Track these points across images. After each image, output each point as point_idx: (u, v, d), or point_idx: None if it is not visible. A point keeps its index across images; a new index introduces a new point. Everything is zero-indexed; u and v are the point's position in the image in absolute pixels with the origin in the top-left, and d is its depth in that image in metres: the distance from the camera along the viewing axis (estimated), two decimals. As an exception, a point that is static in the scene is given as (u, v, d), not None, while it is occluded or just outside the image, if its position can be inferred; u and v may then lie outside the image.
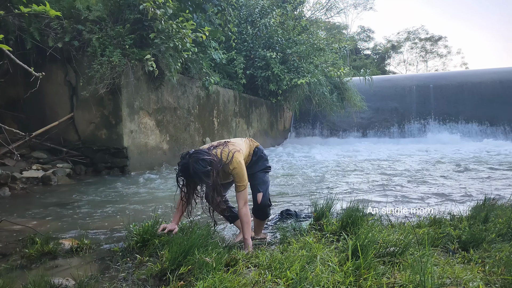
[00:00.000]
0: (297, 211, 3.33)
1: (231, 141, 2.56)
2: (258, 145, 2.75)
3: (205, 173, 2.23)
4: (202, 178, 2.23)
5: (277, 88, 11.51)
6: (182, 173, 2.31)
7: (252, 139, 2.80)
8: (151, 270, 1.95)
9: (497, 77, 15.44)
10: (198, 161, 2.22)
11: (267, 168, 2.73)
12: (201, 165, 2.22)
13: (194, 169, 2.22)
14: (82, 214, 3.63)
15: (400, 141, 14.16)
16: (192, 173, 2.23)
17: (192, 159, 2.24)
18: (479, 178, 5.73)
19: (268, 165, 2.75)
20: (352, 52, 30.35)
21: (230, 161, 2.36)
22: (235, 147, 2.46)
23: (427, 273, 1.64)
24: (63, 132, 6.36)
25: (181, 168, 2.30)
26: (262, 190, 2.59)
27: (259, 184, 2.62)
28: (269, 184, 2.70)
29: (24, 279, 1.90)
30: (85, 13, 6.07)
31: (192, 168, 2.22)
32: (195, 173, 2.23)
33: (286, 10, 12.69)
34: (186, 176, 2.30)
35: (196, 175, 2.23)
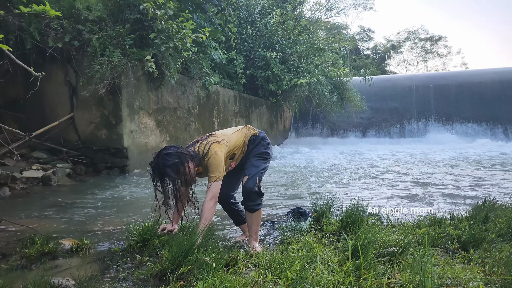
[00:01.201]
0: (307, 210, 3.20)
1: (215, 133, 2.47)
2: (256, 132, 2.59)
3: (172, 167, 2.15)
4: (170, 173, 2.15)
5: (277, 88, 11.51)
6: (154, 173, 2.23)
7: (250, 127, 2.65)
8: (151, 270, 1.95)
9: (497, 77, 15.45)
10: (163, 156, 2.17)
11: (263, 154, 2.55)
12: (167, 159, 2.15)
13: (161, 164, 2.16)
14: (82, 214, 3.63)
15: (400, 141, 14.17)
16: (161, 169, 2.16)
17: (159, 155, 2.19)
18: (478, 178, 5.73)
19: (265, 150, 2.56)
20: (352, 52, 30.36)
21: (206, 153, 2.27)
22: (215, 139, 2.36)
23: (427, 273, 1.64)
24: (63, 132, 6.36)
25: (152, 167, 2.22)
26: (248, 173, 2.42)
27: (247, 168, 2.47)
28: (261, 170, 2.48)
29: (24, 279, 1.90)
30: (85, 13, 6.07)
31: (161, 164, 2.16)
32: (163, 169, 2.16)
33: (286, 10, 12.68)
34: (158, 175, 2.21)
35: (164, 171, 2.16)
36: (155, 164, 2.19)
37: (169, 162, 2.15)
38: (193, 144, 2.38)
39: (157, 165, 2.18)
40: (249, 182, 2.38)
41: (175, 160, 2.16)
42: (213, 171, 2.27)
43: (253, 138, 2.55)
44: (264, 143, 2.58)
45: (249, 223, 2.46)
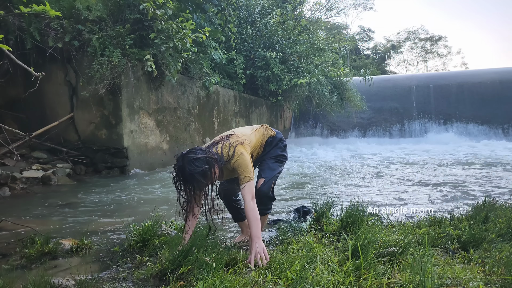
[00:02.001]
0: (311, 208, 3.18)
1: (235, 133, 2.35)
2: (274, 134, 2.52)
3: (201, 174, 2.02)
4: (200, 179, 2.02)
5: (277, 88, 11.51)
6: (178, 177, 2.08)
7: (268, 127, 2.56)
8: (151, 270, 1.95)
9: (497, 77, 15.45)
10: (191, 161, 2.02)
11: (279, 157, 2.47)
12: (195, 165, 2.01)
13: (189, 170, 2.01)
14: (82, 214, 3.63)
15: (400, 141, 14.16)
16: (188, 176, 2.02)
17: (185, 160, 2.04)
18: (478, 178, 5.73)
19: (282, 153, 2.49)
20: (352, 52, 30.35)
21: (232, 156, 2.17)
22: (238, 139, 2.26)
23: (427, 273, 1.64)
24: (63, 132, 6.36)
25: (177, 171, 2.08)
26: (265, 176, 2.33)
27: (263, 170, 2.38)
28: (277, 174, 2.42)
29: (24, 279, 1.90)
30: (85, 13, 6.07)
31: (188, 170, 2.01)
32: (191, 175, 2.02)
33: (286, 10, 12.69)
34: (183, 179, 2.07)
35: (193, 177, 2.02)
36: (181, 169, 2.04)
37: (198, 169, 2.01)
38: (213, 145, 2.25)
39: (184, 170, 2.03)
40: (265, 186, 2.33)
41: (204, 166, 2.03)
42: (244, 171, 2.18)
43: (270, 140, 2.49)
44: (282, 145, 2.51)
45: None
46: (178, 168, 2.06)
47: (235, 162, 2.18)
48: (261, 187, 2.32)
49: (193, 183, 2.05)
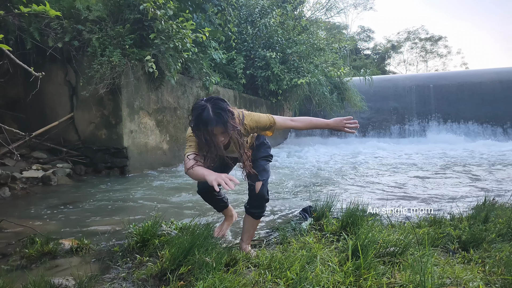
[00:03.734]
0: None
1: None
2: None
3: (231, 115, 1.93)
4: (228, 120, 1.90)
5: (277, 88, 11.51)
6: (201, 120, 1.89)
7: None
8: (151, 270, 1.95)
9: (497, 77, 15.45)
10: (219, 100, 1.93)
11: (269, 157, 2.42)
12: (223, 105, 1.92)
13: (218, 110, 1.89)
14: (82, 214, 3.63)
15: (400, 141, 14.17)
16: (216, 116, 1.88)
17: (211, 100, 1.93)
18: (478, 177, 5.73)
19: (270, 153, 2.45)
20: (352, 52, 30.36)
21: (243, 117, 2.09)
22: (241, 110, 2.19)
23: (427, 273, 1.64)
24: (63, 132, 6.36)
25: (198, 112, 1.90)
26: (263, 178, 2.24)
27: (260, 172, 2.25)
28: (269, 176, 2.37)
29: (24, 279, 1.90)
30: (85, 13, 6.07)
31: (215, 109, 1.89)
32: (219, 115, 1.88)
33: (286, 10, 12.69)
34: (206, 123, 1.88)
35: (220, 119, 1.88)
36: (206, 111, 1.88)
37: (226, 112, 1.90)
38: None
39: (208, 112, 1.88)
40: (264, 188, 2.23)
41: (229, 113, 1.93)
42: (263, 120, 2.15)
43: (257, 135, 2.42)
44: (268, 144, 2.47)
45: (248, 228, 2.35)
46: (201, 108, 1.91)
47: (250, 120, 2.12)
48: (261, 190, 2.23)
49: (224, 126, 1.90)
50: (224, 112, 1.90)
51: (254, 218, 2.32)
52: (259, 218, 2.35)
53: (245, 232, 2.37)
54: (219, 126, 1.89)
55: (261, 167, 2.30)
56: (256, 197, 2.23)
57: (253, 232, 2.43)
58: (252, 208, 2.28)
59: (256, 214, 2.30)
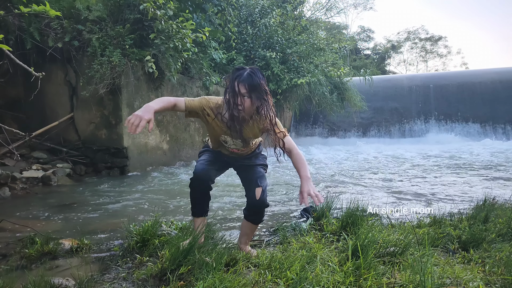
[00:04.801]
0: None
1: None
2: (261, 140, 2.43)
3: (262, 84, 1.99)
4: (259, 87, 1.96)
5: (277, 88, 11.50)
6: (235, 76, 1.97)
7: None
8: (151, 270, 1.95)
9: (497, 77, 15.45)
10: (258, 71, 2.00)
11: (266, 166, 2.39)
12: (261, 75, 1.99)
13: (253, 74, 1.96)
14: (82, 214, 3.63)
15: (400, 141, 14.17)
16: (248, 76, 1.95)
17: (251, 68, 2.00)
18: (478, 178, 5.73)
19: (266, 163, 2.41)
20: (352, 52, 30.36)
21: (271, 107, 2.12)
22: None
23: (427, 273, 1.64)
24: (63, 132, 6.36)
25: (235, 69, 2.01)
26: (262, 184, 2.18)
27: (260, 178, 2.20)
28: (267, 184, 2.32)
29: (24, 279, 1.90)
30: (85, 13, 6.07)
31: (251, 73, 1.96)
32: (252, 78, 1.95)
33: (286, 10, 12.68)
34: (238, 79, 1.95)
35: (253, 80, 1.94)
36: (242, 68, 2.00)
37: (261, 76, 1.99)
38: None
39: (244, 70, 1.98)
40: (264, 194, 2.17)
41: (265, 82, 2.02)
42: (281, 126, 2.15)
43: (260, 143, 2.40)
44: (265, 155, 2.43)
45: (247, 232, 2.32)
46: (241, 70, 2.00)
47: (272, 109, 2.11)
48: (261, 196, 2.16)
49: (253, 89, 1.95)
50: (257, 77, 1.95)
51: (253, 224, 2.28)
52: (258, 224, 2.31)
53: (243, 235, 2.34)
54: (246, 84, 1.93)
55: (260, 173, 2.25)
56: (256, 203, 2.17)
57: (252, 235, 2.41)
58: (252, 215, 2.24)
59: (256, 220, 2.26)
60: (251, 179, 2.21)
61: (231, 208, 3.83)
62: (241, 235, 2.36)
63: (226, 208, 3.84)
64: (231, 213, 3.60)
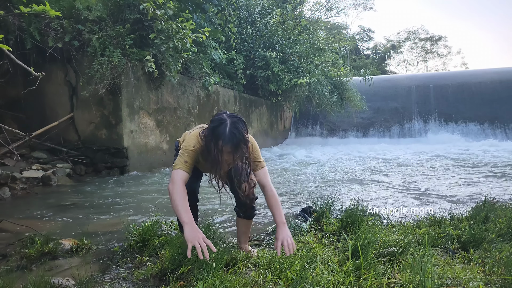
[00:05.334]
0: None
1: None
2: None
3: (244, 139, 1.86)
4: (242, 146, 1.85)
5: (277, 88, 11.51)
6: (214, 133, 1.84)
7: None
8: (151, 270, 1.95)
9: (497, 77, 15.45)
10: (240, 122, 1.87)
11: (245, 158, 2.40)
12: (242, 126, 1.87)
13: (234, 130, 1.83)
14: (82, 214, 3.63)
15: (400, 141, 14.17)
16: (229, 135, 1.82)
17: (231, 119, 1.86)
18: (479, 178, 5.73)
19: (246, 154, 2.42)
20: (352, 52, 30.36)
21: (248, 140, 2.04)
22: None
23: (427, 273, 1.64)
24: (63, 132, 6.36)
25: (215, 125, 1.85)
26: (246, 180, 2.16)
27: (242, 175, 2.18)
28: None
29: (24, 279, 1.90)
30: (85, 13, 6.07)
31: (232, 128, 1.83)
32: (233, 135, 1.82)
33: (286, 10, 12.69)
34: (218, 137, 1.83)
35: (237, 140, 1.82)
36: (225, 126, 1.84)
37: (244, 133, 1.86)
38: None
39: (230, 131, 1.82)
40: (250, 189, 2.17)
41: (246, 134, 1.89)
42: (260, 156, 2.11)
43: None
44: None
45: (244, 230, 2.33)
46: (220, 122, 1.86)
47: (252, 146, 2.05)
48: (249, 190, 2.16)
49: (236, 150, 1.84)
50: (239, 133, 1.84)
51: (249, 219, 2.29)
52: (253, 218, 2.32)
53: (241, 234, 2.34)
54: (229, 146, 1.83)
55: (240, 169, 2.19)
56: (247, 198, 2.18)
57: (249, 232, 2.41)
58: (244, 211, 2.25)
59: (250, 215, 2.27)
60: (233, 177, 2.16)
61: (231, 207, 3.82)
62: (239, 234, 2.35)
63: (226, 207, 3.83)
64: (231, 212, 3.60)
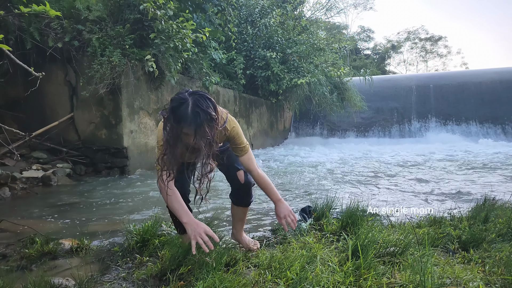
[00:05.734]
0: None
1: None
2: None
3: (210, 118, 1.62)
4: (204, 124, 1.60)
5: (277, 88, 11.51)
6: (175, 114, 1.61)
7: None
8: (151, 270, 1.95)
9: (497, 77, 15.45)
10: (203, 99, 1.63)
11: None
12: (206, 104, 1.63)
13: (197, 108, 1.59)
14: (82, 214, 3.63)
15: (400, 141, 14.16)
16: (192, 115, 1.59)
17: (195, 96, 1.63)
18: (479, 178, 5.73)
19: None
20: (352, 52, 30.36)
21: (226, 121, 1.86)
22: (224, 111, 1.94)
23: (427, 273, 1.64)
24: (63, 132, 6.36)
25: (175, 105, 1.62)
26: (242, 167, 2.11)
27: (236, 161, 2.10)
28: None
29: (24, 280, 1.90)
30: (85, 13, 6.06)
31: (195, 107, 1.60)
32: (196, 115, 1.59)
33: (286, 10, 12.69)
34: (179, 119, 1.61)
35: (198, 118, 1.59)
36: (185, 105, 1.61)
37: (207, 110, 1.62)
38: None
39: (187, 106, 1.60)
40: (247, 176, 2.14)
41: (213, 112, 1.64)
42: (243, 140, 1.96)
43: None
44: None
45: (241, 217, 2.29)
46: (179, 101, 1.63)
47: (233, 129, 1.91)
48: (245, 178, 2.13)
49: (197, 129, 1.60)
50: (203, 113, 1.61)
51: (246, 206, 2.27)
52: (249, 206, 2.27)
53: (237, 222, 2.30)
54: (191, 127, 1.61)
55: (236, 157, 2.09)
56: (242, 187, 2.16)
57: (245, 219, 2.37)
58: (242, 198, 2.23)
59: (247, 202, 2.24)
60: (228, 165, 2.12)
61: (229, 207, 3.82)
62: (235, 221, 2.30)
63: (224, 207, 3.83)
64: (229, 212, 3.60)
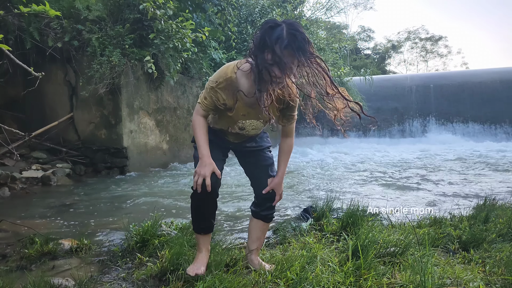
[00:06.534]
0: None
1: None
2: None
3: (310, 42, 1.48)
4: (307, 47, 1.46)
5: (277, 88, 11.49)
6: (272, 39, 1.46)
7: None
8: (151, 270, 1.94)
9: (497, 77, 15.43)
10: (298, 25, 1.50)
11: (271, 147, 2.06)
12: (301, 30, 1.48)
13: (291, 33, 1.45)
14: (81, 214, 3.63)
15: (400, 141, 14.15)
16: (292, 37, 1.45)
17: (287, 22, 1.50)
18: (479, 178, 5.72)
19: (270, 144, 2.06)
20: (352, 52, 30.37)
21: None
22: None
23: (427, 273, 1.64)
24: (62, 132, 6.36)
25: (268, 27, 1.49)
26: (274, 174, 1.91)
27: (271, 166, 1.91)
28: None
29: (23, 280, 1.89)
30: (84, 13, 6.06)
31: (293, 31, 1.46)
32: (292, 39, 1.44)
33: (286, 10, 12.68)
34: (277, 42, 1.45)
35: (303, 41, 1.45)
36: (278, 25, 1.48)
37: (303, 30, 1.48)
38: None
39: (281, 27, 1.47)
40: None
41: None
42: (296, 109, 1.80)
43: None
44: (267, 132, 2.08)
45: (259, 235, 2.00)
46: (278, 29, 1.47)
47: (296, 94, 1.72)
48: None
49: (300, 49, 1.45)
50: (300, 34, 1.46)
51: (265, 221, 1.99)
52: (271, 221, 2.02)
53: (255, 241, 1.98)
54: (291, 51, 1.45)
55: (270, 160, 1.94)
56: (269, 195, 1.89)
57: (263, 240, 2.08)
58: (265, 210, 1.94)
59: (270, 216, 1.98)
60: (260, 169, 1.92)
61: (229, 206, 3.83)
62: (252, 240, 1.99)
63: (224, 206, 3.83)
64: (230, 211, 3.60)
